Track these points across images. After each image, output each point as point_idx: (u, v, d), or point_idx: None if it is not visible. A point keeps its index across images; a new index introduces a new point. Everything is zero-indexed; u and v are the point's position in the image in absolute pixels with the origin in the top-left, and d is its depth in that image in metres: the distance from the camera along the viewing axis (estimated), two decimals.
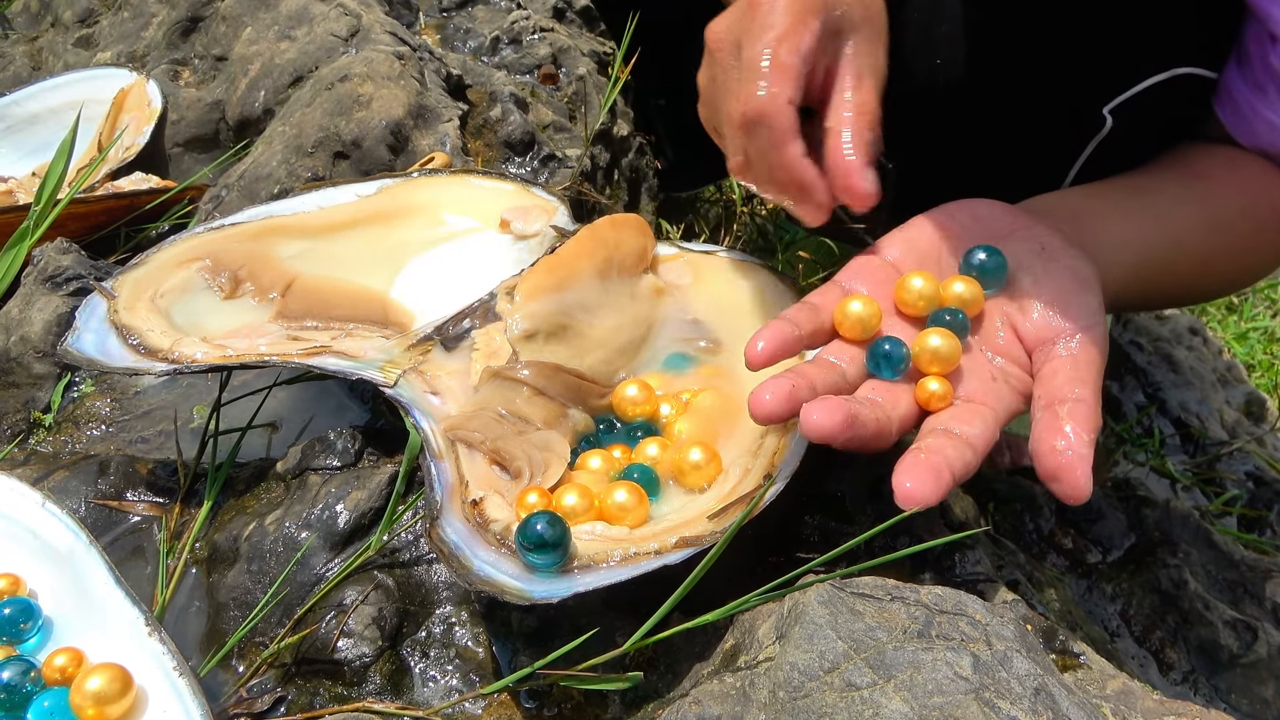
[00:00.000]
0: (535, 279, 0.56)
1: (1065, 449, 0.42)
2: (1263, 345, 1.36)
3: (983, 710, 0.29)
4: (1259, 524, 0.87)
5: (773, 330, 0.46)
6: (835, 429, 0.41)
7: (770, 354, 0.46)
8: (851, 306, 0.47)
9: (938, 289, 0.48)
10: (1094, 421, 0.43)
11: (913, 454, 0.42)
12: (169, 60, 0.94)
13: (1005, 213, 0.52)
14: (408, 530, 0.50)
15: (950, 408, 0.46)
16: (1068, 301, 0.47)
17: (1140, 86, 0.61)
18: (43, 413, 0.62)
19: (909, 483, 0.40)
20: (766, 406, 0.43)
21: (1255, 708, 0.65)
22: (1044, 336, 0.47)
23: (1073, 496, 0.42)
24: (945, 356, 0.46)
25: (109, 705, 0.40)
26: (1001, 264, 0.49)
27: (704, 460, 0.48)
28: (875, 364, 0.47)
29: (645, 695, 0.44)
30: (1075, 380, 0.44)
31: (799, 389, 0.43)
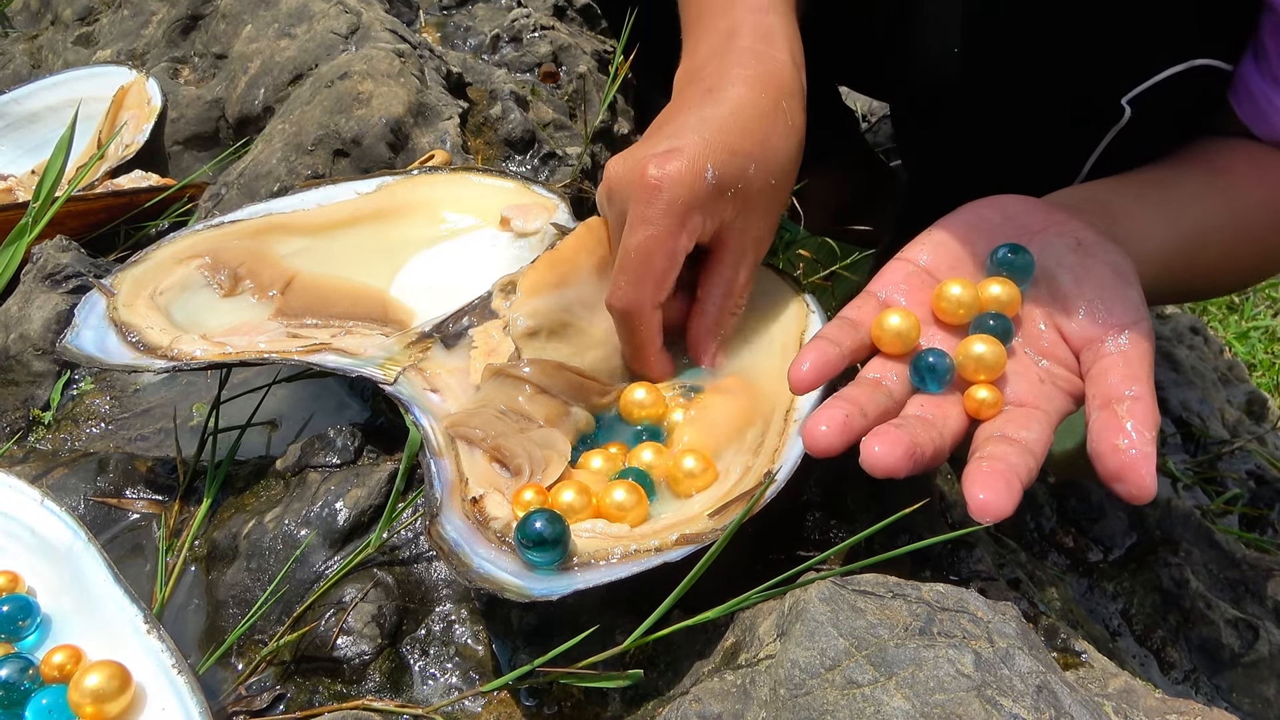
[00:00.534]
0: (537, 275, 0.56)
1: (1128, 447, 0.41)
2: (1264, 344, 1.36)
3: (985, 708, 0.29)
4: (1260, 523, 0.87)
5: (815, 351, 0.46)
6: (899, 463, 0.40)
7: (815, 377, 0.45)
8: (889, 321, 0.46)
9: (977, 295, 0.47)
10: (1153, 418, 0.42)
11: (977, 464, 0.40)
12: (169, 58, 0.94)
13: (1036, 208, 0.51)
14: (407, 528, 0.50)
15: (1002, 414, 0.45)
16: (1112, 298, 0.46)
17: (1159, 77, 0.61)
18: (42, 410, 0.61)
19: (983, 494, 0.39)
20: (824, 439, 0.42)
21: (1257, 707, 0.65)
22: (1090, 335, 0.46)
23: (1139, 496, 0.40)
24: (991, 364, 0.45)
25: (107, 703, 0.40)
26: (1029, 262, 0.48)
27: (698, 469, 0.48)
28: (920, 378, 0.46)
29: (645, 693, 0.44)
30: (1129, 378, 0.43)
31: (853, 417, 0.42)
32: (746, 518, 0.41)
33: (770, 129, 0.52)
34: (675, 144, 0.50)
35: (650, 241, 0.49)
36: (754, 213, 0.52)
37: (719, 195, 0.50)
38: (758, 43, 0.55)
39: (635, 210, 0.50)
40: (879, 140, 1.32)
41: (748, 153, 0.51)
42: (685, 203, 0.49)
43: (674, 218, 0.49)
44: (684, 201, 0.49)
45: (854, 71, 0.96)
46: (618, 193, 0.52)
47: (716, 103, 0.52)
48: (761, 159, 0.51)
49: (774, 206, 0.53)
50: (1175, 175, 0.62)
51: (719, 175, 0.49)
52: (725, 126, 0.51)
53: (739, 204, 0.51)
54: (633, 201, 0.50)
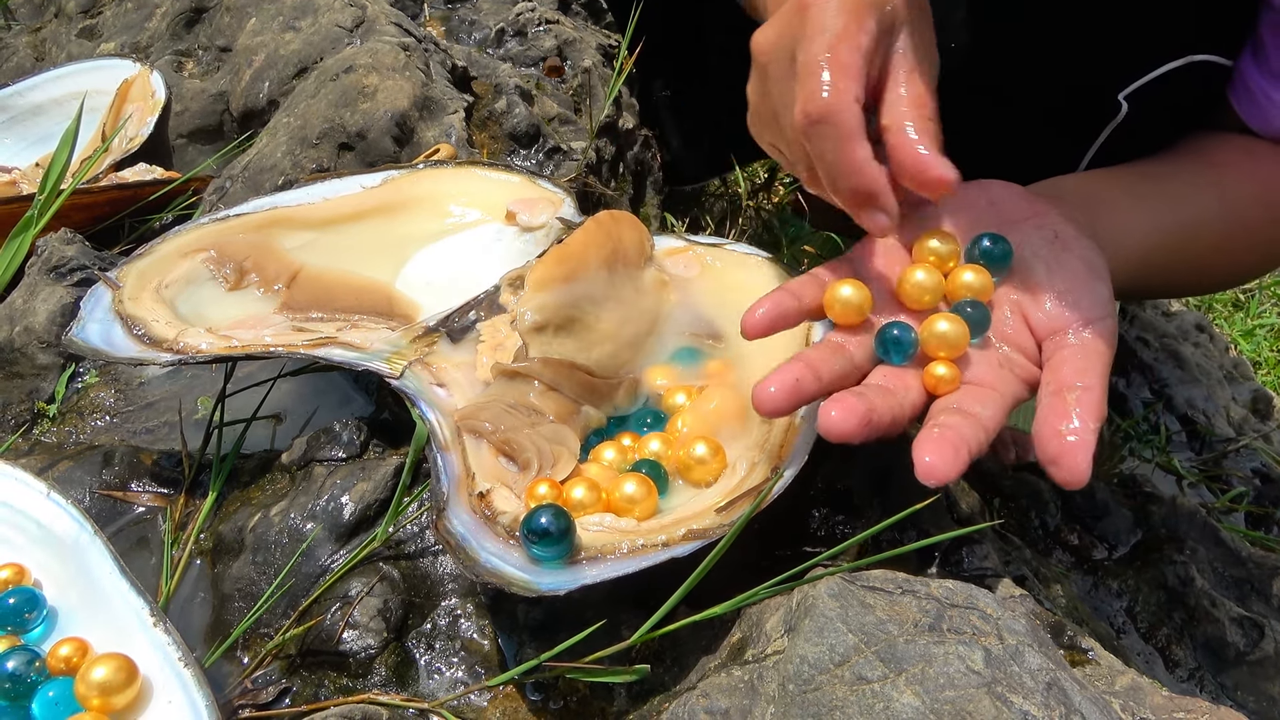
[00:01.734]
0: (545, 270, 0.56)
1: (1068, 433, 0.42)
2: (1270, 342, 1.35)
3: (995, 704, 0.29)
4: (1266, 521, 0.87)
5: (773, 299, 0.46)
6: (853, 429, 0.40)
7: (769, 321, 0.45)
8: (841, 291, 0.47)
9: (941, 283, 0.48)
10: (1099, 410, 0.43)
11: (928, 430, 0.41)
12: (173, 51, 0.94)
13: (1020, 197, 0.52)
14: (413, 522, 0.49)
15: (958, 390, 0.45)
16: (1080, 293, 0.47)
17: (1157, 72, 0.61)
18: (47, 403, 0.61)
19: (928, 457, 0.39)
20: (772, 399, 0.42)
21: (1262, 705, 0.65)
22: (1055, 326, 0.47)
23: (1071, 481, 0.41)
24: (953, 341, 0.46)
25: (114, 695, 0.40)
26: (1007, 251, 0.48)
27: (709, 455, 0.48)
28: (884, 349, 0.46)
29: (651, 688, 0.44)
30: (1083, 370, 0.44)
31: (804, 381, 0.43)
32: (754, 514, 0.41)
33: None
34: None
35: (834, 39, 0.45)
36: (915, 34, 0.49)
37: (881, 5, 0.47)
38: None
39: (805, 29, 0.46)
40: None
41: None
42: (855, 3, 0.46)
43: (851, 16, 0.46)
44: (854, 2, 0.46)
45: None
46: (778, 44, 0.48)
47: None
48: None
49: (929, 30, 0.51)
50: (1166, 168, 0.62)
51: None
52: None
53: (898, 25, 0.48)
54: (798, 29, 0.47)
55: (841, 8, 0.46)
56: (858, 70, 0.46)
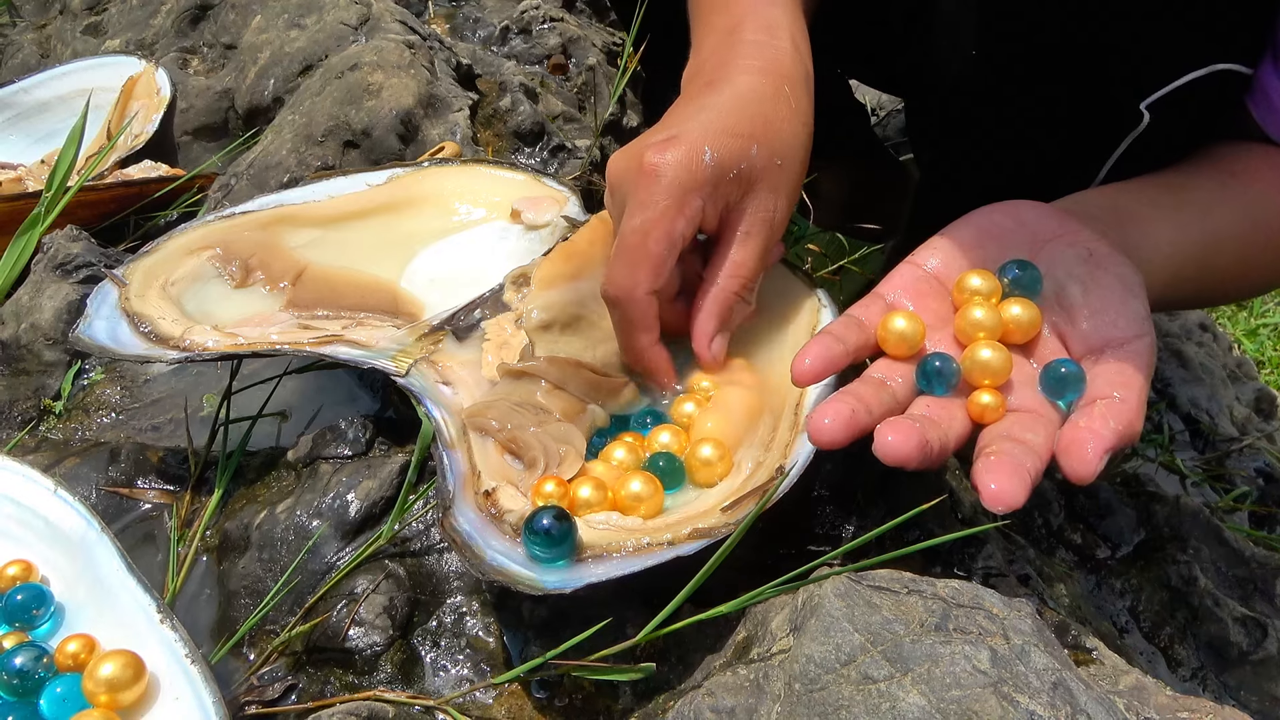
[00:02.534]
0: (552, 267, 0.56)
1: (1085, 427, 0.41)
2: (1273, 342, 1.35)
3: (1001, 704, 0.29)
4: (1269, 521, 0.87)
5: (820, 345, 0.46)
6: (911, 453, 0.40)
7: (817, 372, 0.45)
8: (895, 323, 0.46)
9: (999, 320, 0.47)
10: (1128, 420, 0.42)
11: (986, 457, 0.41)
12: (178, 48, 0.94)
13: (1049, 216, 0.51)
14: (419, 520, 0.50)
15: (1006, 417, 0.45)
16: (1117, 311, 0.46)
17: (1179, 82, 0.60)
18: (53, 400, 0.62)
19: (994, 484, 0.39)
20: (828, 432, 0.42)
21: (1265, 705, 0.65)
22: (1093, 345, 0.46)
23: (1076, 473, 0.40)
24: (996, 369, 0.45)
25: (121, 691, 0.40)
26: (1036, 278, 0.48)
27: (715, 457, 0.48)
28: (926, 381, 0.46)
29: (656, 687, 0.44)
30: (1119, 384, 0.43)
31: (859, 413, 0.42)
32: (760, 512, 0.41)
33: (772, 112, 0.51)
34: (672, 133, 0.50)
35: (646, 224, 0.49)
36: (761, 192, 0.51)
37: (719, 177, 0.50)
38: (759, 34, 0.54)
39: (633, 197, 0.49)
40: (887, 135, 1.31)
41: (748, 134, 0.50)
42: (683, 185, 0.49)
43: (671, 200, 0.48)
44: (682, 184, 0.49)
45: (867, 66, 0.95)
46: (618, 187, 0.52)
47: (717, 93, 0.52)
48: (764, 139, 0.51)
49: (783, 187, 0.52)
50: (1189, 179, 0.61)
51: (718, 157, 0.49)
52: (725, 112, 0.50)
53: (744, 185, 0.51)
54: (630, 189, 0.50)
55: (670, 188, 0.49)
56: (661, 261, 0.49)
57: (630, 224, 0.49)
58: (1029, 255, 0.50)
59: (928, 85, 0.77)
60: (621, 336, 0.52)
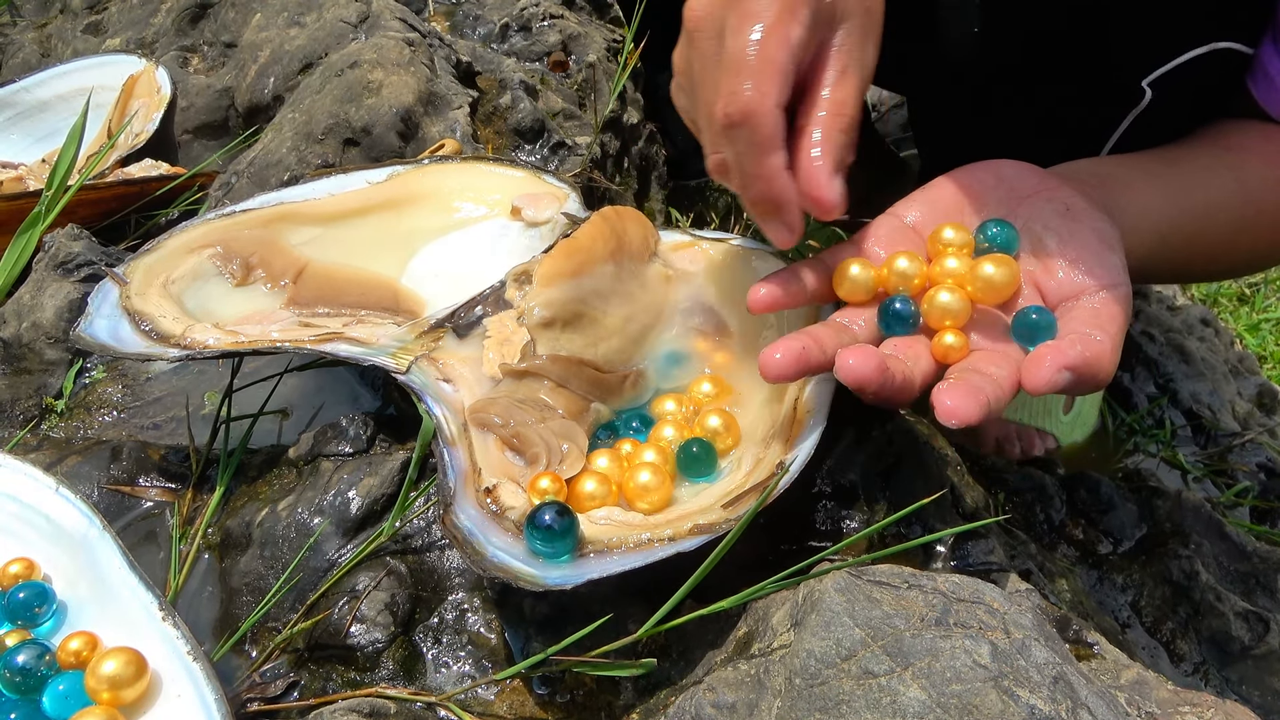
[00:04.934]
0: (554, 264, 0.56)
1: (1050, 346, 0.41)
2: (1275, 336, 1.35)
3: (1001, 698, 0.29)
4: (1271, 515, 0.87)
5: (778, 276, 0.46)
6: (869, 374, 0.40)
7: (772, 298, 0.45)
8: (850, 270, 0.47)
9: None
10: (1096, 351, 0.42)
11: (946, 381, 0.41)
12: (178, 47, 0.94)
13: (1030, 173, 0.52)
14: (420, 517, 0.50)
15: (972, 355, 0.45)
16: (1092, 261, 0.47)
17: (1182, 59, 0.61)
18: (55, 399, 0.62)
19: (949, 400, 0.39)
20: (778, 365, 0.42)
21: (1267, 699, 0.65)
22: (1067, 293, 0.47)
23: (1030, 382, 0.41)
24: (956, 311, 0.46)
25: (124, 689, 0.40)
26: (1012, 236, 0.48)
27: (723, 427, 0.48)
28: (886, 324, 0.47)
29: (658, 682, 0.44)
30: (1094, 326, 0.44)
31: (810, 350, 0.43)
32: (760, 508, 0.41)
33: None
34: None
35: (764, 31, 0.44)
36: (853, 31, 0.47)
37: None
38: None
39: (735, 13, 0.45)
40: (888, 131, 1.31)
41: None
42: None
43: (783, 5, 0.44)
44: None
45: None
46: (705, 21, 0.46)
47: None
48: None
49: (872, 33, 0.49)
50: (1185, 152, 0.62)
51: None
52: None
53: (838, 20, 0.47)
54: (728, 10, 0.45)
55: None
56: (783, 70, 0.44)
57: (740, 37, 0.44)
58: (1008, 210, 0.50)
59: (931, 74, 0.76)
60: (749, 162, 0.45)
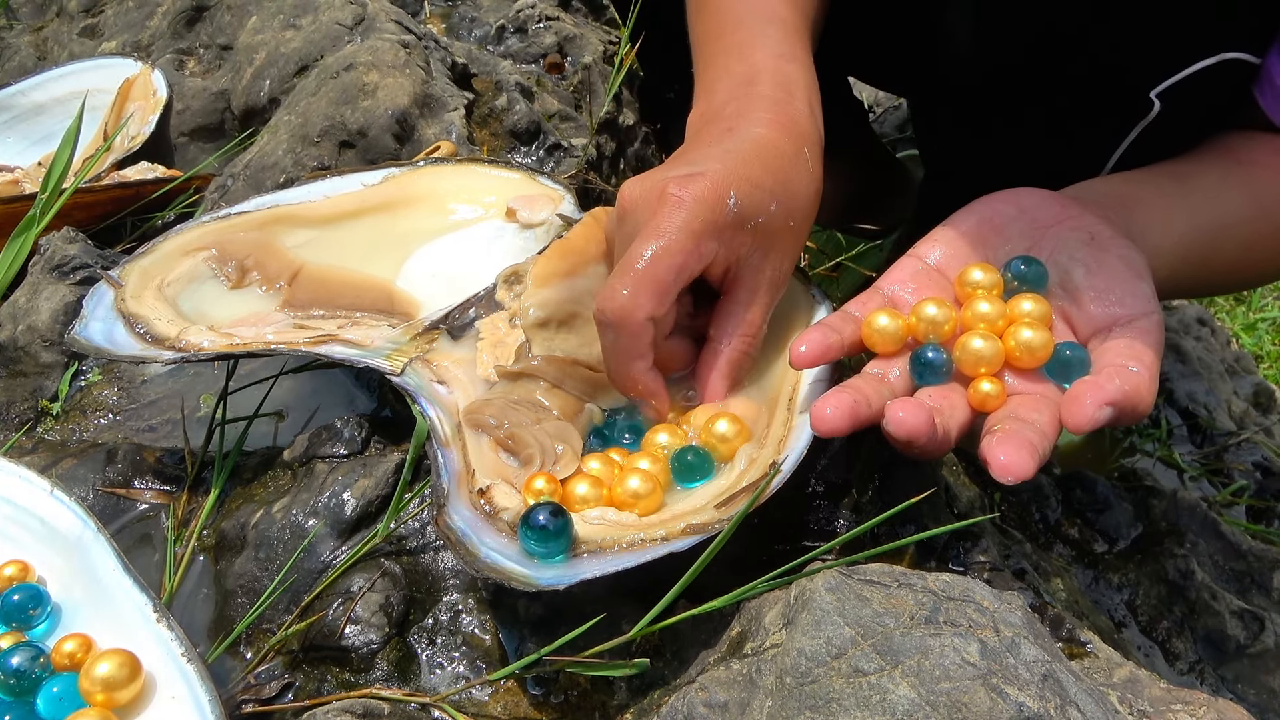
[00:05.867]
0: (548, 264, 0.56)
1: (1089, 382, 0.41)
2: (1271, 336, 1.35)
3: (990, 696, 0.29)
4: (1267, 514, 0.87)
5: (817, 334, 0.46)
6: (921, 427, 0.40)
7: (813, 358, 0.46)
8: (878, 321, 0.47)
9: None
10: (1135, 384, 0.42)
11: (993, 434, 0.41)
12: (174, 50, 0.94)
13: (1051, 202, 0.51)
14: (414, 518, 0.50)
15: (1010, 401, 0.45)
16: (1122, 291, 0.46)
17: (1190, 70, 0.60)
18: (50, 401, 0.62)
19: (1003, 456, 0.39)
20: (830, 421, 0.42)
21: (1262, 698, 0.65)
22: (1100, 326, 0.46)
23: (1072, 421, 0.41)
24: (989, 358, 0.45)
25: (118, 690, 0.40)
26: (1042, 273, 0.48)
27: (731, 432, 0.48)
28: (919, 374, 0.46)
29: (652, 683, 0.44)
30: (1130, 358, 0.43)
31: (860, 405, 0.42)
32: (752, 508, 0.41)
33: (791, 171, 0.50)
34: (698, 169, 0.48)
35: (659, 250, 0.47)
36: (773, 251, 0.50)
37: (739, 226, 0.48)
38: (778, 91, 0.53)
39: (649, 224, 0.47)
40: (885, 132, 1.31)
41: (770, 189, 0.49)
42: (704, 223, 0.47)
43: (689, 236, 0.47)
44: (703, 222, 0.47)
45: (869, 64, 0.95)
46: (631, 212, 0.50)
47: (739, 140, 0.50)
48: (783, 198, 0.49)
49: (792, 249, 0.51)
50: (1196, 167, 0.61)
51: (741, 205, 0.48)
52: (748, 160, 0.49)
53: (758, 240, 0.49)
54: (646, 216, 0.48)
55: (688, 223, 0.47)
56: (665, 289, 0.47)
57: (640, 248, 0.47)
58: (1031, 242, 0.50)
59: (935, 79, 0.76)
60: (613, 361, 0.50)
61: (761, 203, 0.49)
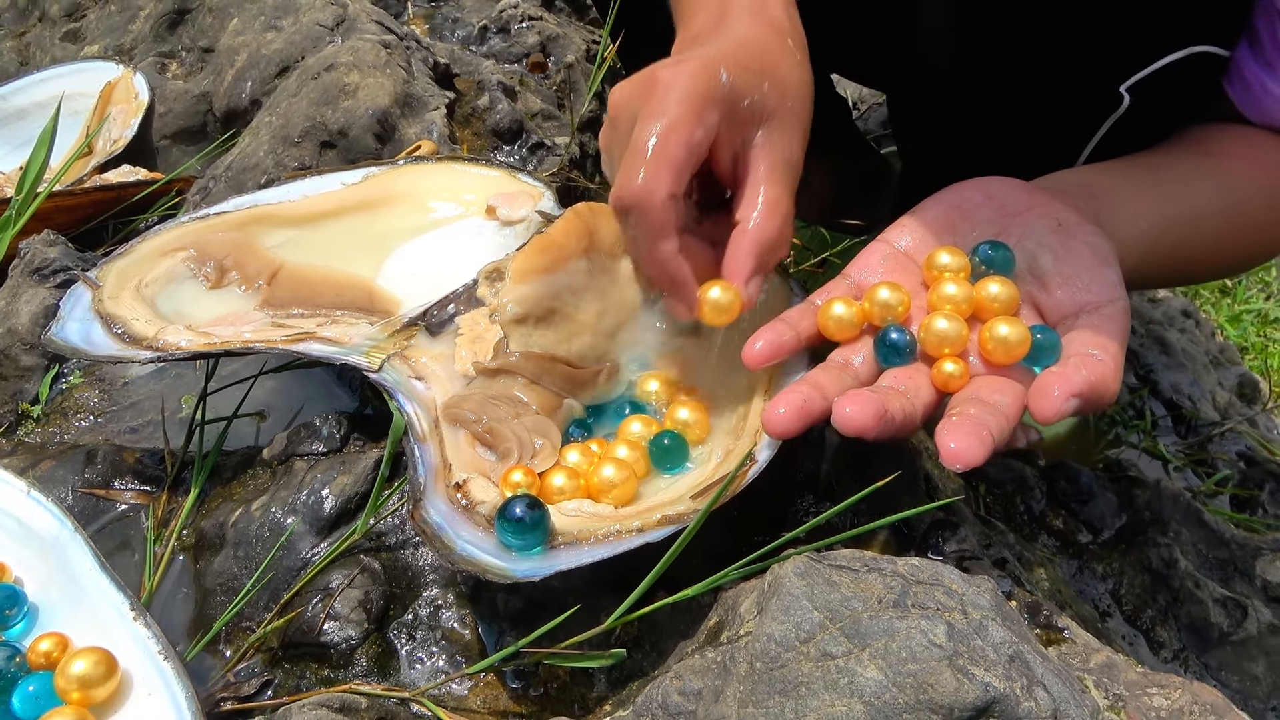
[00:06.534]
0: (527, 260, 0.56)
1: (1056, 373, 0.41)
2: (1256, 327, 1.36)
3: (956, 676, 0.30)
4: (1250, 504, 0.87)
5: (770, 331, 0.46)
6: (868, 422, 0.40)
7: (765, 356, 0.46)
8: (834, 310, 0.47)
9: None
10: (1101, 373, 0.42)
11: (948, 419, 0.41)
12: (156, 53, 0.94)
13: (1019, 190, 0.52)
14: (394, 514, 0.50)
15: (973, 381, 0.45)
16: (1089, 276, 0.47)
17: (1159, 64, 0.61)
18: (31, 404, 0.62)
19: (953, 443, 0.39)
20: (781, 422, 0.42)
21: (1245, 684, 0.65)
22: (1067, 312, 0.47)
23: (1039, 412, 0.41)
24: (953, 338, 0.45)
25: (94, 689, 0.40)
26: (1009, 258, 0.48)
27: (692, 418, 0.48)
28: (884, 356, 0.46)
29: (630, 674, 0.44)
30: (1095, 345, 0.44)
31: (811, 400, 0.43)
32: (726, 496, 0.41)
33: (778, 58, 0.49)
34: (682, 57, 0.47)
35: (665, 128, 0.45)
36: (775, 131, 0.49)
37: (734, 101, 0.47)
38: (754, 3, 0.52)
39: (647, 108, 0.46)
40: (869, 128, 1.32)
41: (758, 72, 0.48)
42: (701, 95, 0.46)
43: (690, 109, 0.45)
44: (700, 94, 0.46)
45: (849, 59, 0.96)
46: (625, 108, 0.48)
47: (721, 38, 0.49)
48: (774, 80, 0.48)
49: (797, 128, 0.50)
50: (1167, 158, 0.62)
51: (732, 80, 0.46)
52: (733, 50, 0.48)
53: (759, 120, 0.48)
54: (641, 104, 0.47)
55: (685, 96, 0.46)
56: (679, 165, 0.45)
57: (644, 131, 0.45)
58: (999, 228, 0.50)
59: (910, 75, 0.77)
60: (639, 248, 0.48)
61: (752, 83, 0.47)
